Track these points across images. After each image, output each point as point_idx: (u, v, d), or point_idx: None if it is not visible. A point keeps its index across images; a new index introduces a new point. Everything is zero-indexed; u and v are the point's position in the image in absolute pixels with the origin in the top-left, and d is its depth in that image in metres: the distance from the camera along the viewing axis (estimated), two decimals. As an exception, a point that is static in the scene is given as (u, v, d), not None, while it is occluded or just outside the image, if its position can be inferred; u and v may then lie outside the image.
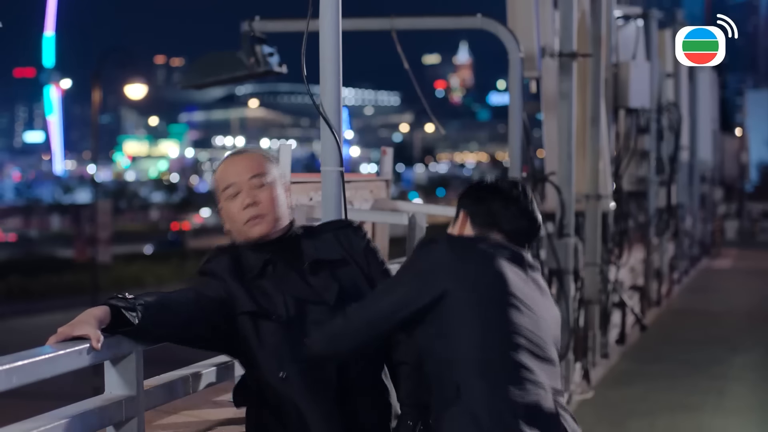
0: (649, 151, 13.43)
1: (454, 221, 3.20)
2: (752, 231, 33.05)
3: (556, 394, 2.92)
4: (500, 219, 3.13)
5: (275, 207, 3.15)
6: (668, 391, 9.21)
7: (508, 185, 3.19)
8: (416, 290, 2.91)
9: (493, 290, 2.92)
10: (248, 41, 8.39)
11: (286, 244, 3.17)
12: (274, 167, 3.21)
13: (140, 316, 2.92)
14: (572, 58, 8.46)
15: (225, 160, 3.23)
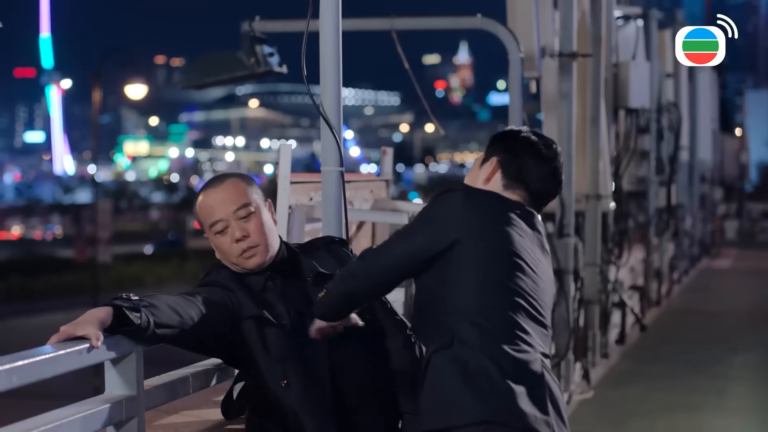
0: (649, 151, 13.43)
1: (482, 163, 3.17)
2: (752, 231, 33.06)
3: (544, 358, 2.96)
4: (531, 177, 3.12)
5: (266, 235, 3.16)
6: (668, 391, 9.20)
7: (544, 143, 3.17)
8: (430, 238, 2.95)
9: (501, 247, 2.95)
10: (248, 41, 8.39)
11: (284, 262, 3.22)
12: (254, 190, 3.22)
13: (143, 318, 2.92)
14: (572, 58, 8.46)
15: (205, 191, 3.21)
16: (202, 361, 3.83)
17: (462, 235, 2.92)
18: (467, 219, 2.94)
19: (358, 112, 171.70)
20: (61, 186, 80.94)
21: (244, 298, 3.12)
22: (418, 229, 3.00)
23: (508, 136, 3.19)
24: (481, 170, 3.14)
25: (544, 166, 3.11)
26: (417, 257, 2.97)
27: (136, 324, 2.91)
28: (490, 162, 3.13)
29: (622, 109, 11.16)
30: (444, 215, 2.96)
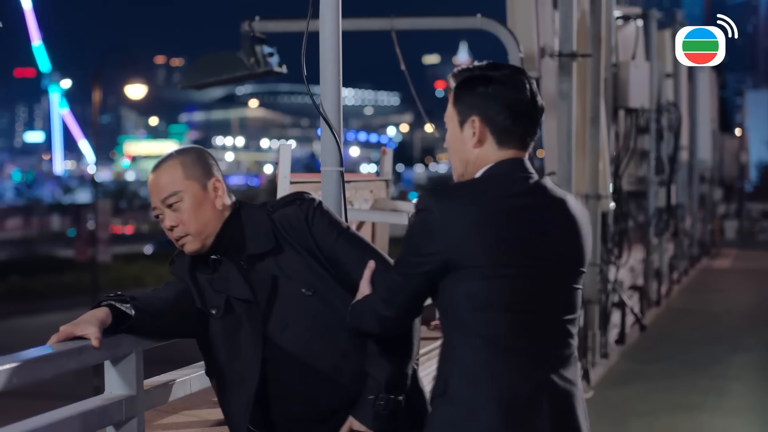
0: (649, 151, 13.44)
1: (460, 125, 2.80)
2: (752, 231, 33.05)
3: (553, 379, 2.70)
4: (518, 115, 2.78)
5: (196, 223, 3.11)
6: (668, 391, 9.20)
7: (502, 68, 2.81)
8: (417, 266, 2.72)
9: (495, 258, 2.66)
10: (248, 41, 8.39)
11: (228, 240, 3.14)
12: (192, 172, 3.12)
13: (136, 309, 2.99)
14: (572, 58, 8.46)
15: (150, 174, 3.19)
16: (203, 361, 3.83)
17: (449, 255, 2.67)
18: (449, 238, 2.66)
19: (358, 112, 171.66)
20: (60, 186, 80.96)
21: (194, 288, 3.15)
22: (406, 262, 2.76)
23: (470, 83, 2.79)
24: (463, 135, 2.79)
25: (523, 93, 2.76)
26: (423, 280, 2.75)
27: (133, 318, 2.97)
28: (470, 123, 2.77)
29: (621, 109, 11.16)
30: (423, 239, 2.70)
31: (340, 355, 3.04)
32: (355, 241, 3.13)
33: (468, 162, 2.79)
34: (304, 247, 3.09)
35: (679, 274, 17.59)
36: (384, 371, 2.99)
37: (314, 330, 3.04)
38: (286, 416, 3.07)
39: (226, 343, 3.08)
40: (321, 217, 3.13)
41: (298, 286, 3.06)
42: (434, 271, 2.70)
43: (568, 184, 8.33)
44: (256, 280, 3.08)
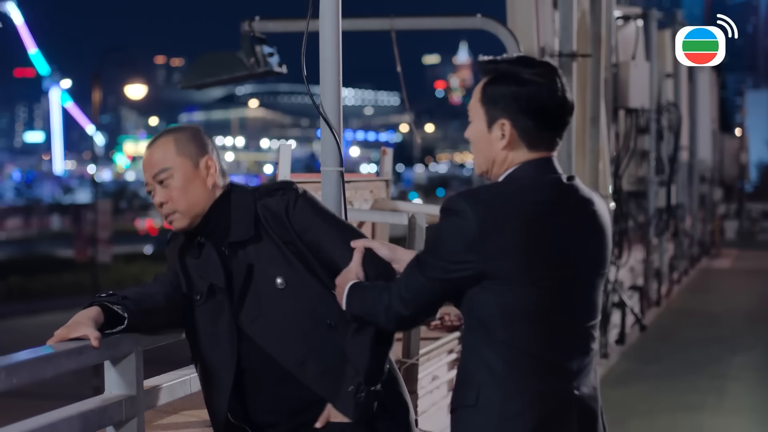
0: (649, 152, 13.44)
1: (488, 126, 2.69)
2: (752, 231, 33.02)
3: (578, 390, 2.67)
4: (550, 114, 2.67)
5: (186, 200, 3.09)
6: (668, 391, 9.20)
7: (533, 64, 2.70)
8: (446, 272, 2.62)
9: (534, 264, 2.59)
10: (248, 41, 8.40)
11: (214, 222, 3.13)
12: (184, 149, 3.12)
13: (128, 310, 2.99)
14: (572, 58, 8.46)
15: (144, 153, 3.21)
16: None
17: (484, 265, 2.59)
18: (484, 247, 2.58)
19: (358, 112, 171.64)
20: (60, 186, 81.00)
21: (181, 272, 3.18)
22: (431, 265, 2.65)
23: (501, 82, 2.68)
24: (491, 136, 2.68)
25: (555, 96, 2.66)
26: (448, 286, 2.67)
27: (124, 316, 2.97)
28: (499, 125, 2.67)
29: (622, 109, 11.17)
30: (456, 247, 2.60)
31: (310, 349, 3.03)
32: (341, 225, 3.13)
33: (495, 162, 2.71)
34: (283, 238, 3.07)
35: (679, 275, 17.59)
36: (364, 362, 2.96)
37: (284, 323, 3.04)
38: (262, 408, 3.08)
39: (207, 331, 3.10)
40: (303, 206, 3.10)
41: (272, 277, 3.05)
42: (465, 279, 2.62)
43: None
44: (236, 268, 3.08)
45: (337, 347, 3.00)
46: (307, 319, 3.03)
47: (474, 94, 2.74)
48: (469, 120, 2.76)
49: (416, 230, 5.43)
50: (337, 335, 3.02)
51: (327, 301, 3.03)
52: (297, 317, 3.03)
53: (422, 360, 5.79)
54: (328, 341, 3.03)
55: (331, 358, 3.01)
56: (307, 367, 3.02)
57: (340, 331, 3.01)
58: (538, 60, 2.70)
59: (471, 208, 2.58)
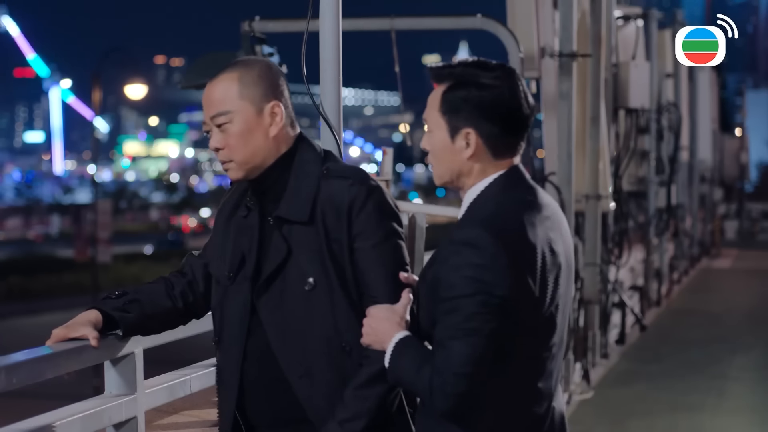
0: (649, 152, 13.44)
1: (451, 135, 2.55)
2: (752, 231, 33.02)
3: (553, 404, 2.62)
4: (513, 118, 2.56)
5: (243, 150, 2.80)
6: (668, 391, 9.20)
7: (491, 67, 2.56)
8: (489, 319, 2.40)
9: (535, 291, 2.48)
10: (248, 41, 8.40)
11: (272, 181, 2.83)
12: (247, 92, 2.80)
13: (130, 313, 2.89)
14: (572, 58, 8.45)
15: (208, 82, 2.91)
16: (202, 361, 3.83)
17: (509, 292, 2.43)
18: (509, 275, 2.43)
19: (358, 112, 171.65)
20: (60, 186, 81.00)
21: (215, 235, 2.92)
22: (463, 310, 2.41)
23: (461, 89, 2.54)
24: (455, 146, 2.55)
25: (517, 99, 2.55)
26: (492, 326, 2.43)
27: (123, 323, 2.88)
28: (463, 135, 2.53)
29: (622, 109, 11.16)
30: (486, 284, 2.41)
31: (315, 365, 2.77)
32: (390, 262, 2.78)
33: (461, 173, 2.57)
34: (331, 234, 2.76)
35: (680, 275, 17.59)
36: (365, 400, 2.72)
37: (298, 328, 2.77)
38: (250, 407, 2.85)
39: (228, 305, 2.87)
40: (372, 211, 2.77)
41: (305, 274, 2.76)
42: (500, 321, 2.41)
43: (568, 185, 8.33)
44: (274, 246, 2.79)
45: (344, 373, 2.76)
46: (323, 332, 2.77)
47: (431, 103, 2.59)
48: (427, 130, 2.61)
49: (416, 230, 5.43)
50: (347, 361, 2.76)
51: (349, 322, 2.76)
52: (313, 327, 2.77)
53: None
54: (336, 364, 2.77)
55: (333, 382, 2.76)
56: (306, 382, 2.77)
57: (353, 358, 2.76)
58: (494, 63, 2.58)
59: (494, 239, 2.42)
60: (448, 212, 8.53)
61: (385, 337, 2.55)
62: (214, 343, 2.92)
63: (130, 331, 2.93)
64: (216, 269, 2.90)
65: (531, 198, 2.55)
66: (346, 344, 2.76)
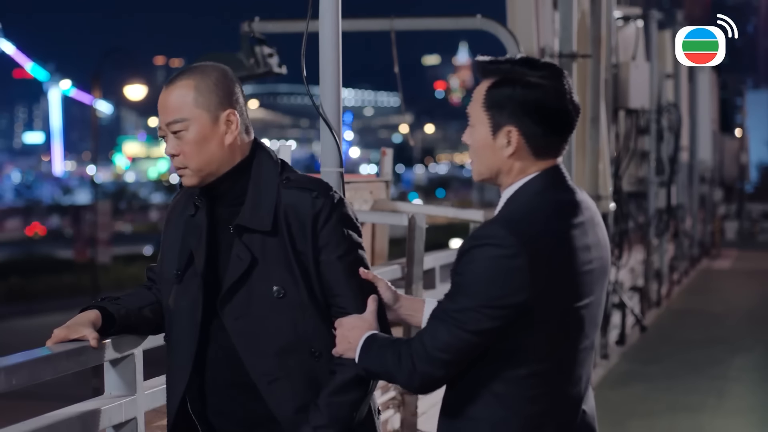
0: (649, 152, 13.44)
1: (493, 132, 2.52)
2: (752, 232, 33.00)
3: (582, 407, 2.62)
4: (558, 116, 2.52)
5: (198, 157, 2.77)
6: (668, 392, 9.20)
7: (539, 66, 2.54)
8: (493, 318, 2.40)
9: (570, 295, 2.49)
10: (248, 42, 8.41)
11: (227, 187, 2.82)
12: (203, 101, 2.77)
13: (127, 311, 2.92)
14: (572, 58, 8.46)
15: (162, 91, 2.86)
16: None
17: (530, 299, 2.42)
18: (529, 280, 2.41)
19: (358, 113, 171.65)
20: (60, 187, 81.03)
21: (170, 227, 2.92)
22: (474, 308, 2.41)
23: (506, 86, 2.51)
24: (496, 143, 2.52)
25: (563, 100, 2.51)
26: (491, 333, 2.45)
27: (119, 316, 2.90)
28: (505, 133, 2.50)
29: (622, 110, 11.16)
30: (502, 288, 2.40)
31: (284, 371, 2.77)
32: (355, 273, 2.80)
33: (500, 171, 2.55)
34: (296, 246, 2.77)
35: (680, 275, 17.58)
36: (339, 407, 2.74)
37: (267, 334, 2.77)
38: (217, 410, 2.87)
39: (178, 305, 2.86)
40: (335, 226, 2.78)
41: (271, 282, 2.76)
42: (509, 324, 2.40)
43: (568, 185, 8.32)
44: (236, 254, 2.78)
45: (313, 378, 2.77)
46: (292, 338, 2.77)
47: (475, 97, 2.56)
48: (470, 124, 2.58)
49: (416, 231, 5.42)
50: (317, 367, 2.78)
51: (318, 328, 2.78)
52: (282, 333, 2.77)
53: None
54: (305, 369, 2.78)
55: (303, 387, 2.77)
56: (275, 387, 2.76)
57: (322, 363, 2.77)
58: (542, 61, 2.57)
59: (521, 244, 2.39)
60: (447, 213, 8.53)
61: (356, 343, 2.62)
62: (165, 342, 2.94)
63: (125, 322, 2.92)
64: (165, 268, 2.90)
65: (568, 199, 2.53)
66: (316, 350, 2.78)
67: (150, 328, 3.03)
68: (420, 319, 2.81)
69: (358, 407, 2.77)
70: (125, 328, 2.95)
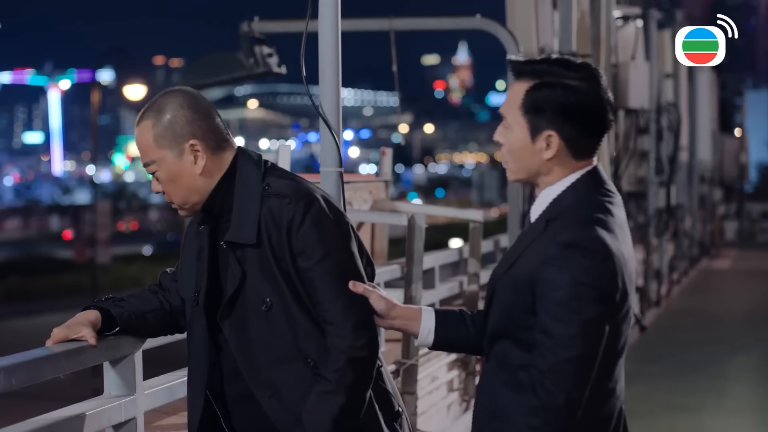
0: (649, 152, 13.44)
1: (532, 135, 2.51)
2: (752, 231, 32.98)
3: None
4: (598, 119, 2.51)
5: (177, 194, 2.84)
6: (668, 392, 9.20)
7: (578, 68, 2.51)
8: (603, 326, 2.39)
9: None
10: (247, 42, 8.40)
11: (222, 207, 2.85)
12: (162, 141, 2.80)
13: (128, 313, 2.92)
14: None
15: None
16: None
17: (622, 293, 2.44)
18: (622, 276, 2.42)
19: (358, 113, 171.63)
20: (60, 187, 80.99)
21: (185, 256, 2.96)
22: (590, 315, 2.37)
23: (545, 90, 2.48)
24: (534, 147, 2.50)
25: (601, 101, 2.49)
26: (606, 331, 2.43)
27: (121, 320, 2.90)
28: (544, 137, 2.49)
29: (621, 110, 11.16)
30: (609, 285, 2.40)
31: (282, 383, 2.79)
32: (335, 278, 2.77)
33: (539, 173, 2.53)
34: (277, 253, 2.77)
35: (679, 275, 17.59)
36: (326, 413, 2.74)
37: (262, 346, 2.79)
38: (225, 419, 2.89)
39: (193, 325, 2.92)
40: (309, 230, 2.75)
41: (260, 294, 2.78)
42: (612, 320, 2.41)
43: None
44: (230, 269, 2.81)
45: (309, 388, 2.77)
46: (287, 350, 2.78)
47: (511, 98, 2.54)
48: (505, 126, 2.56)
49: (415, 231, 5.42)
50: (313, 375, 2.77)
51: (310, 337, 2.77)
52: (276, 345, 2.78)
53: (422, 361, 5.79)
54: (302, 379, 2.78)
55: (300, 398, 2.77)
56: (275, 400, 2.79)
57: (317, 373, 2.77)
58: (579, 62, 2.54)
59: (605, 245, 2.39)
60: (447, 213, 8.53)
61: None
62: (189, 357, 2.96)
63: (126, 325, 2.93)
64: (184, 291, 2.94)
65: (612, 197, 2.53)
66: (310, 359, 2.78)
67: (150, 332, 3.05)
68: (417, 327, 2.75)
69: (341, 417, 2.74)
70: (125, 332, 2.96)
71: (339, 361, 2.74)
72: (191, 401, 2.90)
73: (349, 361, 2.74)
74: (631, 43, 11.83)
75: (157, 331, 3.02)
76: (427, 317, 2.74)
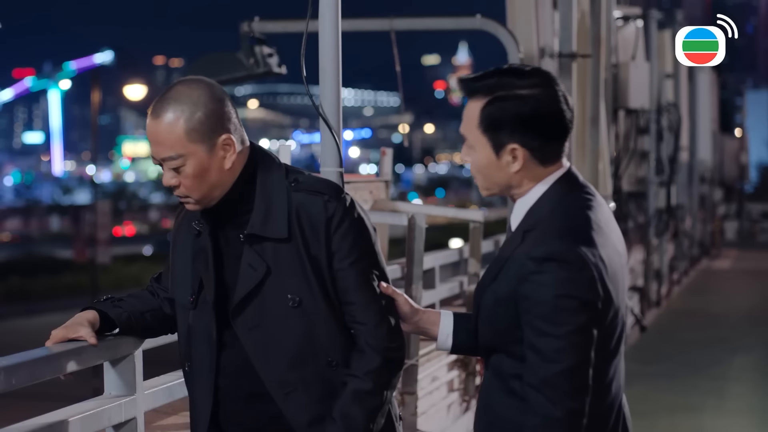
0: (649, 152, 13.45)
1: (495, 152, 2.49)
2: (752, 232, 33.02)
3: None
4: (560, 137, 2.50)
5: (200, 189, 2.68)
6: (668, 392, 9.20)
7: (528, 73, 2.51)
8: (592, 333, 2.36)
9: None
10: (248, 42, 8.39)
11: (236, 202, 2.73)
12: (196, 135, 2.65)
13: (127, 313, 2.89)
14: (572, 58, 8.45)
15: (149, 116, 2.72)
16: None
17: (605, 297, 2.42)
18: (604, 283, 2.40)
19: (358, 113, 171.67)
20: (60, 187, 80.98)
21: (177, 257, 2.85)
22: (577, 327, 2.35)
23: (500, 104, 2.47)
24: (500, 162, 2.49)
25: (558, 105, 2.50)
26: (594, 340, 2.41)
27: (119, 321, 2.88)
28: (509, 152, 2.47)
29: (621, 110, 11.16)
30: (592, 295, 2.37)
31: (301, 381, 2.72)
32: (368, 280, 2.73)
33: (510, 185, 2.52)
34: (310, 251, 2.69)
35: (679, 275, 17.59)
36: (353, 418, 2.69)
37: (282, 344, 2.71)
38: (231, 420, 2.81)
39: (195, 328, 2.81)
40: (347, 231, 2.70)
41: (285, 291, 2.69)
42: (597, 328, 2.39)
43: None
44: (248, 264, 2.70)
45: (330, 389, 2.72)
46: (309, 348, 2.71)
47: (468, 119, 2.54)
48: (468, 145, 2.56)
49: (416, 231, 5.43)
50: (334, 376, 2.72)
51: (334, 336, 2.72)
52: (298, 343, 2.71)
53: (422, 361, 5.79)
54: (321, 378, 2.72)
55: (319, 397, 2.72)
56: (293, 398, 2.71)
57: (339, 373, 2.73)
58: (529, 68, 2.52)
59: (582, 256, 2.36)
60: (447, 213, 8.53)
61: None
62: (185, 369, 2.86)
63: (125, 325, 2.91)
64: (178, 295, 2.84)
65: (589, 199, 2.52)
66: (333, 359, 2.73)
67: (149, 332, 3.03)
68: (437, 331, 2.75)
69: (374, 417, 2.72)
70: (124, 332, 2.95)
71: (375, 361, 2.70)
72: (198, 401, 2.82)
73: (386, 361, 2.71)
74: (631, 43, 11.83)
75: (156, 330, 3.01)
76: (446, 321, 2.75)
